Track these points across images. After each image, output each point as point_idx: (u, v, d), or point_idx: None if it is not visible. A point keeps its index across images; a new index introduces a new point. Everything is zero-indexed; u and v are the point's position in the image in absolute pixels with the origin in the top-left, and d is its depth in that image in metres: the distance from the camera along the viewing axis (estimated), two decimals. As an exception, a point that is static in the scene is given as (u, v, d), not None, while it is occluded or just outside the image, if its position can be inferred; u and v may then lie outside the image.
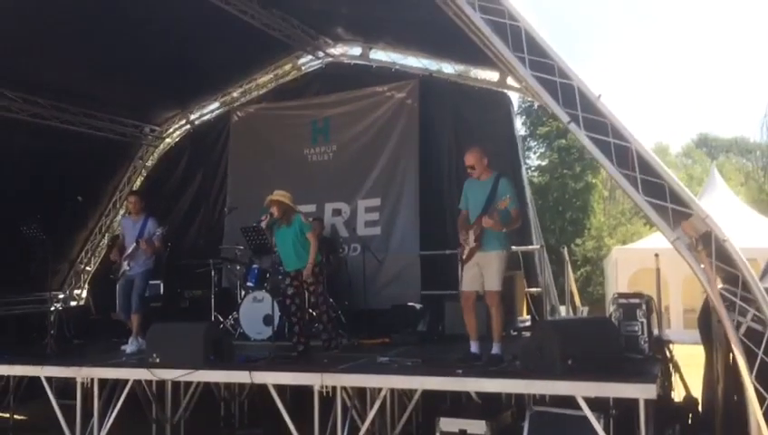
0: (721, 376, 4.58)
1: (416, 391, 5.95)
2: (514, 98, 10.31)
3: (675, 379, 6.40)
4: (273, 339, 6.88)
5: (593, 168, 25.33)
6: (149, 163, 12.26)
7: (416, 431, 7.06)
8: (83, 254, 11.95)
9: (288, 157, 10.76)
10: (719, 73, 59.04)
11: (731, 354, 3.73)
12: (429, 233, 9.69)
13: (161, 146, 12.24)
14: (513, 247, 6.59)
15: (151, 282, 8.47)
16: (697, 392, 6.53)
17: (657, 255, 7.22)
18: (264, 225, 6.90)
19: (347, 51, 10.84)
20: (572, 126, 4.28)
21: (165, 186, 11.89)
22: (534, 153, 28.03)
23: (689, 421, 6.12)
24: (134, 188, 11.84)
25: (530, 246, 9.04)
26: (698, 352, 6.81)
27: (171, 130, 12.11)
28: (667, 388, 5.93)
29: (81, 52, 8.82)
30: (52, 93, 9.82)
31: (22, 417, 8.38)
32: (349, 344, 7.31)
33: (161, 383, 6.94)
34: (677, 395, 6.43)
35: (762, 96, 61.29)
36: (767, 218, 17.21)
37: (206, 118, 11.97)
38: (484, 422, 5.33)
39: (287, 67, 11.24)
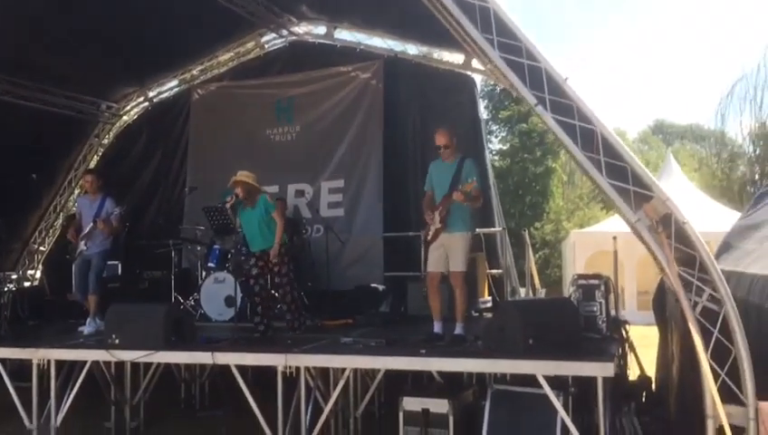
0: (676, 354, 4.72)
1: (378, 371, 5.99)
2: (477, 81, 10.34)
3: (630, 358, 6.59)
4: (236, 320, 6.82)
5: (553, 152, 25.67)
6: (106, 141, 11.96)
7: (378, 411, 7.12)
8: (37, 233, 11.67)
9: (250, 136, 10.63)
10: (676, 61, 60.25)
11: (688, 333, 3.84)
12: (393, 215, 9.72)
13: (118, 123, 11.96)
14: (476, 229, 6.66)
15: (109, 262, 8.32)
16: (651, 371, 6.75)
17: (615, 238, 7.39)
18: (228, 206, 6.79)
19: (311, 30, 10.72)
20: (539, 108, 4.31)
21: (122, 164, 11.63)
22: (496, 137, 28.23)
23: (643, 399, 6.31)
24: (90, 167, 11.58)
25: (492, 229, 9.13)
26: (651, 333, 7.03)
27: (129, 107, 11.84)
28: (622, 367, 6.08)
29: (37, 25, 8.53)
30: (7, 68, 9.49)
31: (-26, 400, 8.17)
32: (312, 325, 7.29)
33: (120, 365, 6.85)
34: (632, 374, 6.63)
35: (717, 85, 62.86)
36: (720, 204, 17.74)
37: (165, 95, 11.74)
38: (446, 401, 5.40)
39: (250, 45, 11.06)
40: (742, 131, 31.18)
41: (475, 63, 9.31)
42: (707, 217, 12.56)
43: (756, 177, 29.26)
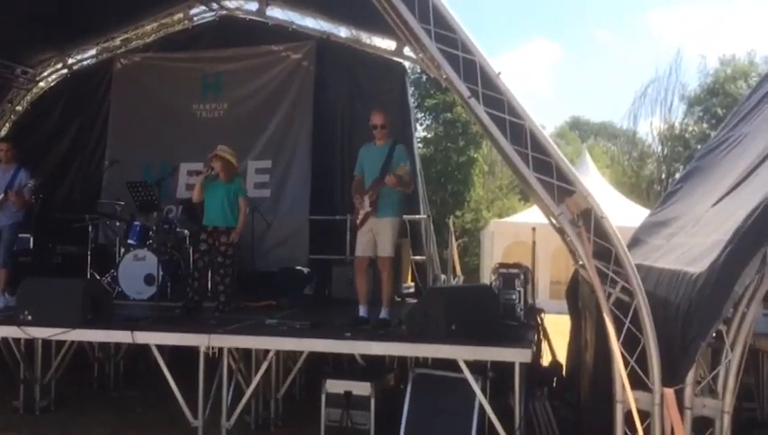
0: (590, 343, 4.96)
1: (301, 353, 6.02)
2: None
3: (543, 345, 6.88)
4: (156, 299, 6.68)
5: (476, 142, 26.17)
6: (20, 108, 11.35)
7: (299, 393, 7.16)
8: (-60, 201, 10.94)
9: (175, 111, 10.36)
10: (597, 59, 62.40)
11: (602, 322, 4.06)
12: (319, 197, 9.72)
13: (34, 90, 11.35)
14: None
15: (21, 235, 7.97)
16: (561, 358, 7.07)
17: (534, 229, 7.67)
18: (201, 178, 6.80)
19: (242, 5, 10.55)
20: (472, 101, 4.41)
21: (37, 133, 11.06)
22: (420, 125, 28.52)
23: (554, 384, 6.62)
24: (2, 135, 10.96)
25: (417, 216, 9.28)
26: (562, 321, 7.35)
27: (46, 73, 11.24)
28: (537, 353, 6.35)
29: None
30: None
31: None
32: (235, 306, 7.23)
33: (30, 342, 6.58)
34: (545, 360, 6.93)
35: (632, 85, 65.49)
36: (629, 200, 18.63)
37: (86, 63, 11.25)
38: (369, 384, 5.51)
39: (177, 16, 10.76)
40: (652, 132, 32.83)
41: (407, 51, 9.40)
42: (618, 213, 13.15)
43: (663, 176, 30.91)
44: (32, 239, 8.97)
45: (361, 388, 5.51)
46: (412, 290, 8.65)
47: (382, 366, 6.27)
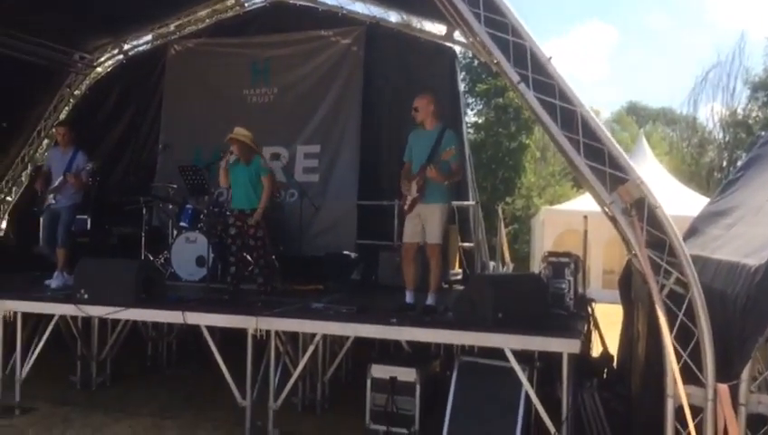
0: (642, 334, 4.84)
1: (348, 338, 6.06)
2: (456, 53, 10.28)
3: (594, 335, 6.76)
4: (207, 280, 6.80)
5: (527, 128, 25.80)
6: (78, 93, 11.66)
7: (345, 377, 7.22)
8: (4, 183, 11.39)
9: (226, 96, 10.45)
10: (654, 43, 60.59)
11: (654, 314, 3.94)
12: (367, 183, 9.70)
13: (92, 75, 11.66)
14: (451, 202, 6.70)
15: (78, 217, 8.21)
16: (613, 349, 6.94)
17: (585, 217, 7.52)
18: (223, 163, 6.79)
19: (293, -10, 10.52)
20: (522, 86, 4.32)
21: (94, 117, 11.37)
22: (472, 110, 28.25)
23: (605, 375, 6.49)
24: (61, 118, 11.31)
25: (466, 202, 9.19)
26: (614, 311, 7.20)
27: (103, 58, 11.52)
28: (587, 344, 6.23)
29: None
30: (-27, 11, 9.14)
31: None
32: (282, 289, 7.31)
33: (87, 320, 6.82)
34: (595, 351, 6.81)
35: (691, 70, 63.43)
36: (688, 188, 18.09)
37: (141, 49, 11.46)
38: (414, 370, 5.50)
39: (229, 2, 10.84)
40: (713, 118, 31.74)
41: (457, 35, 9.27)
42: (675, 201, 12.79)
43: (724, 163, 29.86)
44: (89, 221, 9.25)
45: (407, 374, 5.51)
46: (460, 277, 8.58)
47: (428, 352, 6.26)
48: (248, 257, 6.97)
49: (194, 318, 5.79)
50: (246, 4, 10.82)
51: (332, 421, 6.16)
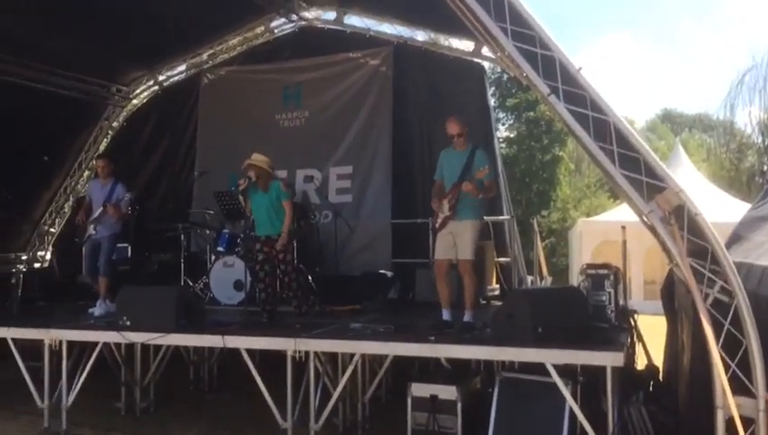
0: (687, 345, 4.73)
1: (386, 357, 6.04)
2: (485, 68, 10.29)
3: (638, 347, 6.61)
4: (245, 304, 6.87)
5: (560, 140, 25.57)
6: (116, 124, 11.96)
7: (386, 396, 7.18)
8: (47, 215, 11.69)
9: (259, 121, 10.62)
10: (685, 49, 59.81)
11: (699, 324, 3.85)
12: (401, 201, 9.72)
13: (128, 107, 11.95)
14: (485, 218, 6.67)
15: (119, 245, 8.40)
16: (658, 361, 6.77)
17: (624, 227, 7.39)
18: (241, 189, 6.80)
19: (321, 15, 10.67)
20: (552, 98, 4.30)
21: (132, 148, 11.66)
22: (503, 124, 28.11)
23: (650, 388, 6.34)
24: (100, 150, 11.61)
25: (500, 217, 9.13)
26: (658, 323, 7.04)
27: (139, 90, 11.81)
28: (631, 356, 6.10)
29: (46, 6, 8.51)
30: (16, 49, 9.47)
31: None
32: (319, 311, 7.33)
33: (130, 347, 6.93)
34: (640, 363, 6.65)
35: (726, 74, 62.41)
36: (728, 195, 17.69)
37: (174, 79, 11.71)
38: (454, 388, 5.46)
39: (259, 30, 11.02)
40: (751, 122, 30.98)
41: (485, 51, 9.27)
42: (716, 208, 12.52)
43: (765, 167, 29.09)
44: (130, 249, 9.44)
45: (447, 392, 5.47)
46: (497, 292, 8.52)
47: (468, 370, 6.20)
48: (282, 279, 7.00)
49: (234, 341, 5.84)
50: (276, 31, 11.00)
51: (374, 442, 6.13)
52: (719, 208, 12.99)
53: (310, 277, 8.27)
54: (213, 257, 8.98)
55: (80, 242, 7.72)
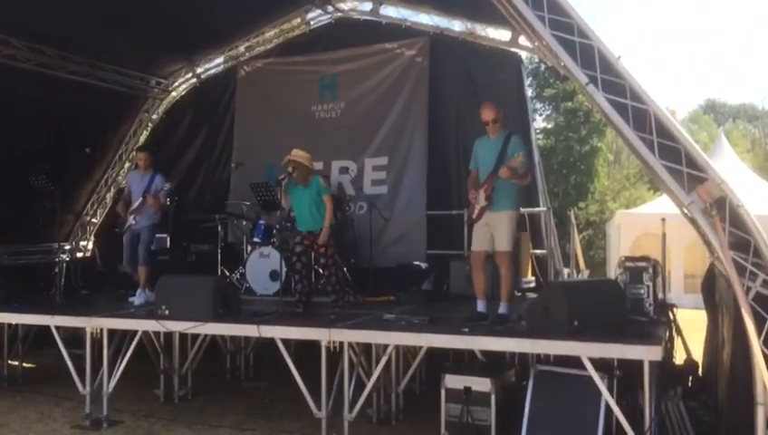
0: (728, 340, 4.62)
1: (421, 348, 6.04)
2: (522, 58, 10.15)
3: (677, 342, 6.49)
4: (281, 294, 6.93)
5: (599, 131, 25.16)
6: (155, 117, 12.15)
7: (420, 388, 7.20)
8: (89, 206, 11.96)
9: (295, 113, 10.66)
10: (729, 39, 58.22)
11: (740, 319, 3.76)
12: (436, 193, 9.67)
13: (167, 99, 12.12)
14: (521, 209, 6.61)
15: (158, 235, 8.53)
16: (697, 356, 6.64)
17: (663, 219, 7.25)
18: (283, 184, 6.86)
19: (356, 6, 10.64)
20: (591, 87, 4.23)
21: (171, 140, 11.84)
22: (540, 115, 27.78)
23: (689, 383, 6.22)
24: (140, 142, 11.82)
25: (536, 208, 9.04)
26: (698, 317, 6.90)
27: (177, 83, 11.97)
28: (669, 350, 6.00)
29: (88, 1, 8.67)
30: (58, 43, 9.68)
31: (31, 365, 8.52)
32: (354, 302, 7.37)
33: (169, 335, 7.07)
34: (679, 358, 6.53)
35: (770, 62, 60.44)
36: (773, 185, 17.20)
37: (212, 72, 11.82)
38: (488, 380, 5.44)
39: (295, 21, 11.05)
40: (797, 112, 30.12)
41: (522, 40, 9.15)
42: (760, 200, 12.20)
43: (812, 158, 28.28)
44: (169, 239, 9.60)
45: (481, 384, 5.46)
46: (533, 285, 8.43)
47: (503, 362, 6.17)
48: (319, 271, 7.04)
49: (269, 331, 5.90)
50: (312, 23, 11.02)
51: (407, 432, 6.14)
52: (763, 200, 12.66)
53: (345, 268, 8.31)
54: (249, 248, 9.07)
55: (120, 232, 7.86)
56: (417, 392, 7.11)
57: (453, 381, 5.54)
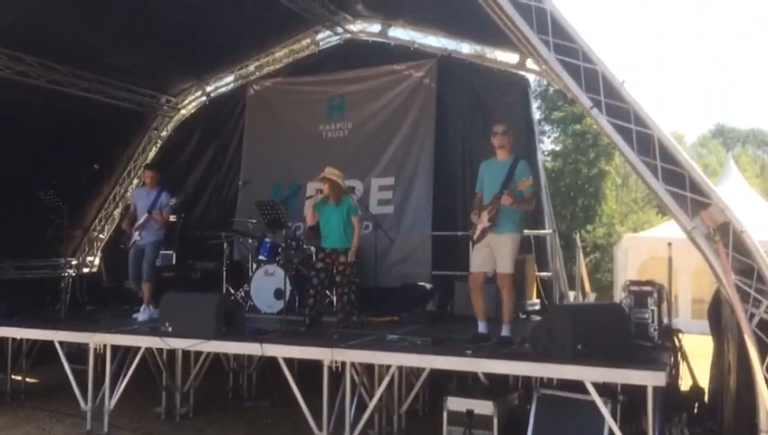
0: (733, 367, 4.58)
1: (424, 369, 6.01)
2: (530, 80, 10.21)
3: (682, 368, 6.43)
4: (284, 313, 6.93)
5: (607, 154, 25.19)
6: (164, 134, 12.26)
7: (422, 409, 7.14)
8: (97, 221, 12.03)
9: (303, 132, 10.74)
10: (738, 64, 58.31)
11: (744, 345, 3.73)
12: (441, 213, 9.69)
13: (176, 117, 12.24)
14: (526, 231, 6.60)
15: (164, 252, 8.57)
16: (704, 382, 6.57)
17: (670, 244, 7.21)
18: (313, 201, 6.94)
19: (366, 27, 10.76)
20: (595, 111, 4.25)
21: (178, 157, 11.92)
22: (548, 137, 27.87)
23: (695, 410, 6.15)
24: (148, 158, 11.91)
25: (542, 231, 9.02)
26: (705, 343, 6.84)
27: (187, 101, 12.10)
28: (674, 376, 5.94)
29: (100, 19, 8.79)
30: (71, 60, 9.82)
31: (34, 380, 8.52)
32: (357, 321, 7.35)
33: (172, 352, 7.04)
34: (684, 384, 6.47)
35: (780, 88, 60.41)
36: (781, 211, 17.07)
37: (221, 90, 11.95)
38: (491, 403, 5.39)
39: (305, 42, 11.17)
40: (806, 137, 30.02)
41: (530, 63, 9.21)
42: (768, 226, 12.12)
43: (822, 184, 28.14)
44: (174, 256, 9.63)
45: (484, 407, 5.41)
46: (537, 307, 8.39)
47: (506, 385, 6.12)
48: (328, 292, 7.06)
49: (271, 350, 5.89)
50: (321, 44, 11.14)
51: (409, 455, 6.09)
52: (772, 226, 12.57)
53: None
54: (254, 266, 9.08)
55: (125, 248, 7.89)
56: (419, 414, 7.06)
57: (455, 404, 5.50)
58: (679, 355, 6.27)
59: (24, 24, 8.45)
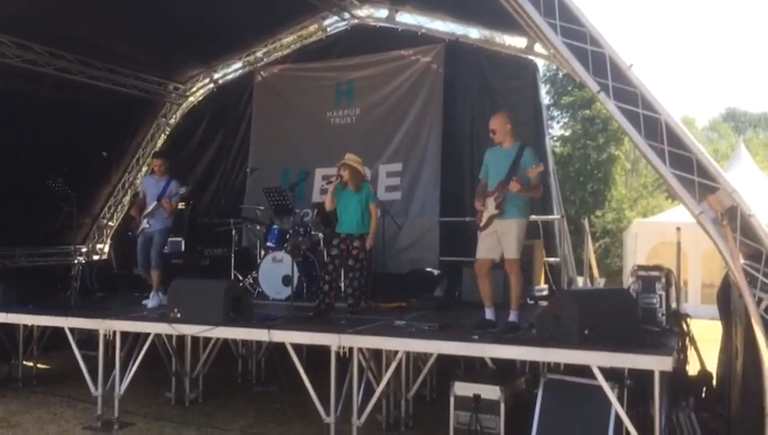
0: (740, 351, 4.56)
1: (431, 355, 6.03)
2: (539, 65, 10.15)
3: (690, 352, 6.42)
4: (292, 299, 6.96)
5: (617, 139, 25.01)
6: (173, 121, 12.27)
7: (429, 394, 7.18)
8: (106, 209, 12.09)
9: (311, 119, 10.73)
10: (750, 47, 57.63)
11: (751, 330, 3.71)
12: (449, 199, 9.67)
13: (184, 104, 12.24)
14: (534, 217, 6.57)
15: (173, 239, 8.61)
16: (712, 366, 6.56)
17: (678, 228, 7.17)
18: (332, 187, 7.00)
19: (373, 13, 10.70)
20: (602, 95, 4.22)
21: (187, 144, 11.94)
22: (557, 123, 27.70)
23: (703, 395, 6.14)
24: (157, 146, 11.94)
25: (550, 216, 8.99)
26: (715, 327, 6.82)
27: (195, 88, 12.09)
28: (682, 361, 5.93)
29: (107, 6, 8.78)
30: (78, 48, 9.82)
31: (45, 366, 8.62)
32: (366, 307, 7.38)
33: (181, 338, 7.11)
34: (692, 369, 6.46)
35: (794, 71, 59.67)
36: (793, 196, 16.93)
37: (229, 77, 11.93)
38: (498, 388, 5.40)
39: (312, 28, 11.12)
40: (819, 121, 29.69)
41: (539, 48, 9.14)
42: (779, 210, 12.02)
43: (834, 168, 27.85)
44: (183, 243, 9.67)
45: (491, 391, 5.42)
46: (545, 293, 8.38)
47: (513, 370, 6.14)
48: (347, 274, 7.08)
49: (279, 336, 5.93)
50: (329, 29, 11.08)
51: (417, 439, 6.13)
52: (783, 211, 12.48)
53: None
54: (262, 252, 9.11)
55: (133, 235, 7.94)
56: (427, 398, 7.10)
57: (462, 389, 5.51)
58: (687, 340, 6.26)
59: (31, 13, 8.46)
